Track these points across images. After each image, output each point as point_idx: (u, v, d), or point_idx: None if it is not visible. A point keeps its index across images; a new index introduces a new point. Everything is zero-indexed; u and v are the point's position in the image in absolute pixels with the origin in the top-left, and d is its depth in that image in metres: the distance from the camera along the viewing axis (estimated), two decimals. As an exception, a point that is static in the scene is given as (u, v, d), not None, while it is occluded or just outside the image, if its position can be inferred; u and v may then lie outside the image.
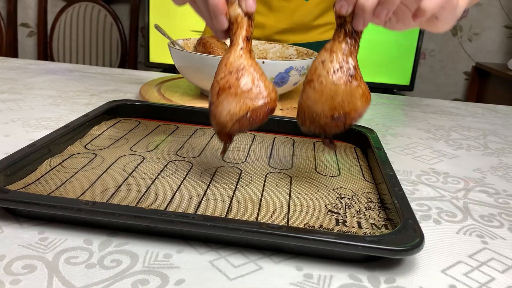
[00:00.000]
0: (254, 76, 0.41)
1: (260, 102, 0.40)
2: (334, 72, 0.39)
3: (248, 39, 0.42)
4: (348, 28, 0.40)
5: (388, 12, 0.39)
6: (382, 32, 2.11)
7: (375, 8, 0.39)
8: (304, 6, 0.89)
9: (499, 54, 2.34)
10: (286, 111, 0.72)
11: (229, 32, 0.43)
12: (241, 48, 0.41)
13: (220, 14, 0.41)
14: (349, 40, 0.40)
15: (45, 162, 0.47)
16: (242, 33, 0.42)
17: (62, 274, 0.32)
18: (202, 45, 0.80)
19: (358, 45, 0.41)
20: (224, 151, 0.46)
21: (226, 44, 0.83)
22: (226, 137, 0.43)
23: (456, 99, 2.41)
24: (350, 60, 0.40)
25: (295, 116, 0.67)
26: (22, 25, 2.56)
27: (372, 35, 2.11)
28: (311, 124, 0.42)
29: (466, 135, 0.74)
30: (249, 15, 0.42)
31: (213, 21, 0.42)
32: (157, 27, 0.85)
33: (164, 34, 0.83)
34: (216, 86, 0.41)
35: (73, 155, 0.50)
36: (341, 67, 0.39)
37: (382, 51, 2.14)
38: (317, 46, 0.94)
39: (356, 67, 0.40)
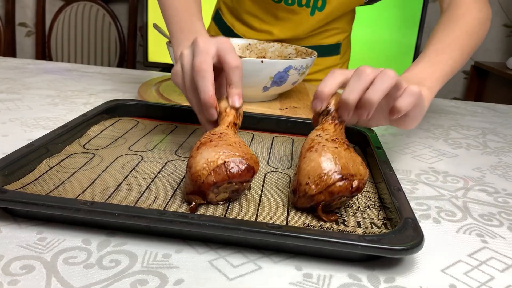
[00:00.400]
0: (236, 140, 0.42)
1: (239, 157, 0.40)
2: (332, 140, 0.42)
3: (235, 124, 0.46)
4: (333, 115, 0.46)
5: (369, 114, 0.46)
6: (381, 31, 2.11)
7: (358, 106, 0.46)
8: (308, 21, 0.89)
9: (498, 53, 2.34)
10: (285, 110, 0.72)
11: (218, 120, 0.46)
12: (226, 127, 0.45)
13: (211, 107, 0.46)
14: (337, 123, 0.45)
15: (43, 162, 0.47)
16: (229, 119, 0.46)
17: (61, 274, 0.32)
18: None
19: (344, 128, 0.46)
20: (193, 209, 0.40)
21: None
22: (198, 193, 0.39)
23: (455, 98, 2.41)
24: (342, 137, 0.44)
25: (294, 116, 0.67)
26: (20, 25, 2.55)
27: (371, 34, 2.11)
28: (317, 186, 0.38)
29: (465, 134, 0.74)
30: (236, 109, 0.46)
31: (205, 113, 0.47)
32: (155, 26, 0.84)
33: (162, 33, 0.83)
34: (198, 143, 0.42)
35: (71, 155, 0.50)
36: (337, 139, 0.43)
37: (382, 50, 2.14)
38: (319, 50, 0.94)
39: (348, 144, 0.43)
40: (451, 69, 0.57)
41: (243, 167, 0.39)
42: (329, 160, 0.39)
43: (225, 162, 0.39)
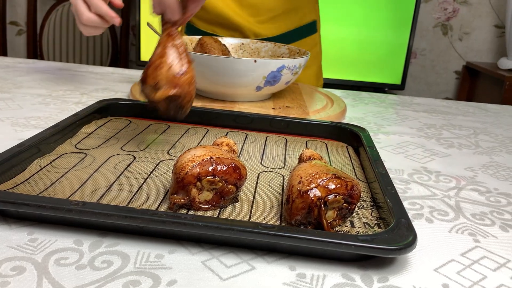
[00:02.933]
0: (229, 154, 0.41)
1: (226, 156, 0.40)
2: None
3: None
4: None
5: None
6: (373, 31, 2.12)
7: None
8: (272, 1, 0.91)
9: (489, 53, 2.36)
10: (278, 110, 0.72)
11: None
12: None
13: (112, 17, 0.67)
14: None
15: (35, 162, 0.46)
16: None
17: (52, 275, 0.31)
18: (200, 46, 0.80)
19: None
20: (171, 208, 0.39)
21: (224, 46, 0.82)
22: (181, 188, 0.39)
23: (447, 98, 2.43)
24: None
25: (287, 115, 0.67)
26: (11, 23, 2.53)
27: (364, 34, 2.11)
28: (310, 183, 0.37)
29: (457, 133, 0.75)
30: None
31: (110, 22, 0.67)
32: (149, 25, 0.84)
33: (156, 32, 0.83)
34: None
35: (63, 154, 0.49)
36: None
37: (374, 50, 2.15)
38: (298, 32, 0.97)
39: None
40: None
41: (230, 165, 0.39)
42: (320, 165, 0.40)
43: (211, 157, 0.39)
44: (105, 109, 0.63)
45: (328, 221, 0.38)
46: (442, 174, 0.56)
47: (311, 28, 1.02)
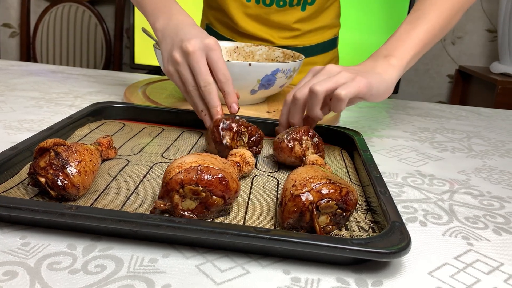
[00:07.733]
0: (225, 164, 0.40)
1: (217, 166, 0.39)
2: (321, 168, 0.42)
3: (237, 164, 0.46)
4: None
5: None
6: (367, 35, 2.13)
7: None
8: (299, 15, 0.92)
9: (481, 57, 2.38)
10: (272, 113, 0.72)
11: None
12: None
13: (219, 115, 0.55)
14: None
15: (28, 165, 0.46)
16: (234, 159, 0.47)
17: (45, 280, 0.31)
18: None
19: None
20: (152, 212, 0.39)
21: None
22: (166, 193, 0.38)
23: (440, 102, 2.44)
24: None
25: (281, 119, 0.67)
26: (4, 26, 2.52)
27: (358, 37, 2.12)
28: (304, 187, 0.37)
29: (450, 137, 0.75)
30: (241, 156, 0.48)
31: (212, 117, 0.55)
32: (144, 30, 0.84)
33: (150, 36, 0.83)
34: None
35: (56, 158, 0.49)
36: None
37: (368, 54, 2.16)
38: (321, 47, 0.98)
39: None
40: (427, 34, 0.62)
41: (216, 176, 0.38)
42: (316, 170, 0.39)
43: (199, 165, 0.38)
44: (99, 112, 0.63)
45: (321, 226, 0.37)
46: (436, 178, 0.56)
47: (332, 44, 1.03)
